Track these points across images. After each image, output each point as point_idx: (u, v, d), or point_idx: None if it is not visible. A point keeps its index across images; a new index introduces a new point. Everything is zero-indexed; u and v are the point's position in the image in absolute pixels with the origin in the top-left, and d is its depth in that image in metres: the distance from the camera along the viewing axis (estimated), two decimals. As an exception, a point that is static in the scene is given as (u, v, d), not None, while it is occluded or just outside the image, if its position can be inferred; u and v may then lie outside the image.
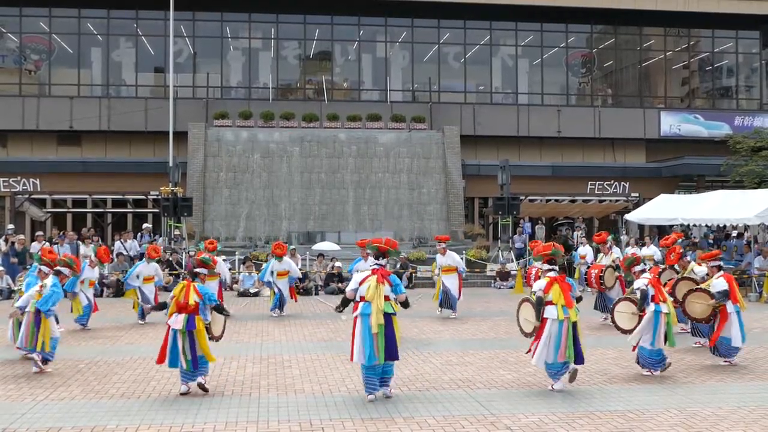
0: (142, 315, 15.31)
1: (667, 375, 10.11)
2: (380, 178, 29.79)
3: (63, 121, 30.59)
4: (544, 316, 9.25)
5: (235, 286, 22.10)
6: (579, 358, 9.24)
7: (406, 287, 16.87)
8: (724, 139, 30.98)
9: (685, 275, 12.88)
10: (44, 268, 11.17)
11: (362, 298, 8.88)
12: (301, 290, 21.68)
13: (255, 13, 32.76)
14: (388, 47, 33.83)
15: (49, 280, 10.59)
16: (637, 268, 11.01)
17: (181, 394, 8.96)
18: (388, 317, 8.77)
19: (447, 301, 16.10)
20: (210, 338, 9.26)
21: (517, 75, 34.49)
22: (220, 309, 9.50)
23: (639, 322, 10.00)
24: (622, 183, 33.12)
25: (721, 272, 11.23)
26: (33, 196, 30.83)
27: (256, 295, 20.91)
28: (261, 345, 12.62)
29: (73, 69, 32.15)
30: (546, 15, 33.21)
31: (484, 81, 34.55)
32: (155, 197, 29.89)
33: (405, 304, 9.10)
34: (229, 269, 23.14)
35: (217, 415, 8.06)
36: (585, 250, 22.13)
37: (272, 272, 16.51)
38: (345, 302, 9.39)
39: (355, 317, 8.93)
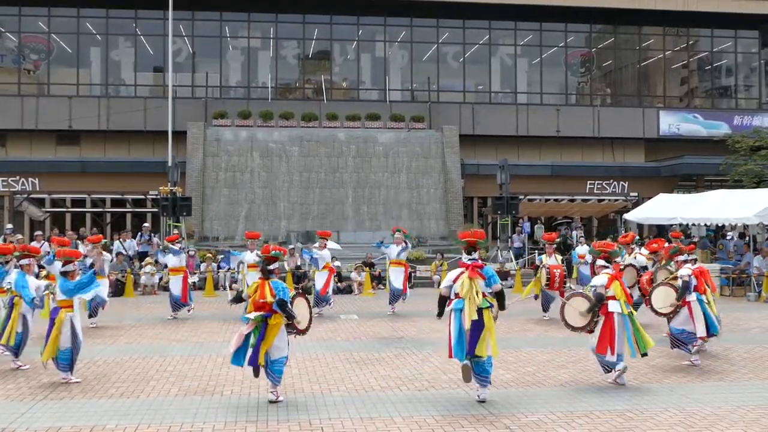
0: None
1: (667, 375, 10.13)
2: (379, 178, 29.80)
3: (62, 120, 30.57)
4: (609, 310, 9.45)
5: (234, 285, 22.09)
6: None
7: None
8: (723, 138, 30.98)
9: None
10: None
11: (457, 295, 8.86)
12: (301, 290, 21.70)
13: (254, 13, 32.75)
14: (387, 47, 33.82)
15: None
16: (680, 258, 11.19)
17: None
18: (480, 312, 8.69)
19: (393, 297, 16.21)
20: (296, 333, 8.97)
21: (516, 74, 34.49)
22: (283, 306, 8.68)
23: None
24: (621, 182, 33.13)
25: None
26: (32, 196, 30.81)
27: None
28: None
29: (72, 68, 32.13)
30: (545, 14, 33.21)
31: (484, 80, 34.55)
32: (154, 197, 29.88)
33: (500, 295, 8.96)
34: (229, 269, 23.27)
35: (216, 415, 8.06)
36: (583, 250, 22.08)
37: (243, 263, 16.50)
38: (442, 302, 9.06)
39: (450, 312, 8.88)
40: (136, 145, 31.77)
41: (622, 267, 13.02)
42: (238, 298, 9.37)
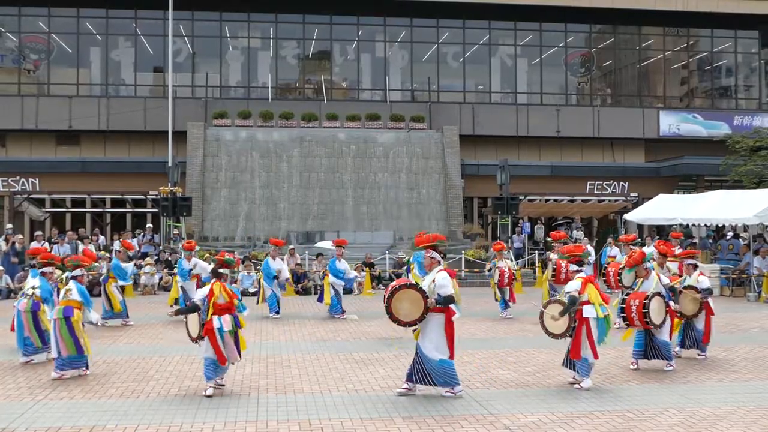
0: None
1: (667, 375, 10.13)
2: (379, 178, 29.79)
3: (62, 120, 30.57)
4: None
5: (234, 285, 22.07)
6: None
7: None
8: (723, 138, 30.96)
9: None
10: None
11: (587, 302, 9.37)
12: (301, 290, 21.72)
13: (254, 13, 32.75)
14: (387, 47, 33.82)
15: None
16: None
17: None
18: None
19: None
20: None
21: (516, 75, 34.49)
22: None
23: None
24: (621, 183, 33.12)
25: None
26: (32, 196, 30.81)
27: (255, 294, 20.87)
28: (260, 345, 12.62)
29: (72, 69, 32.14)
30: (545, 14, 33.21)
31: (483, 81, 34.55)
32: (154, 197, 29.88)
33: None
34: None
35: (216, 415, 8.06)
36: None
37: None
38: (573, 301, 9.40)
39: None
40: (136, 145, 31.77)
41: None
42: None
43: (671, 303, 10.49)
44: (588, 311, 9.37)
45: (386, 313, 8.98)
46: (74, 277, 10.49)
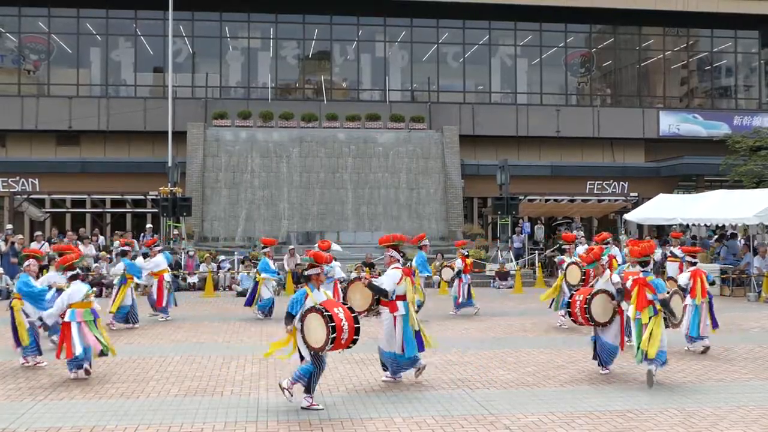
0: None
1: (666, 375, 10.12)
2: (379, 178, 29.79)
3: (62, 121, 30.58)
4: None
5: (234, 285, 22.12)
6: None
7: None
8: (723, 138, 30.97)
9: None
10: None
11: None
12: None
13: (254, 13, 32.76)
14: (387, 47, 33.83)
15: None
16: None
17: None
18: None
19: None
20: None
21: (516, 75, 34.50)
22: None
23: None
24: (621, 183, 33.13)
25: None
26: (32, 196, 30.82)
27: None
28: (260, 345, 12.61)
29: (72, 69, 32.15)
30: (545, 15, 33.21)
31: (483, 81, 34.56)
32: (154, 197, 29.88)
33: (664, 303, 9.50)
34: (228, 269, 23.29)
35: (216, 415, 8.06)
36: (583, 250, 22.09)
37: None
38: (620, 292, 9.91)
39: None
40: (136, 146, 31.78)
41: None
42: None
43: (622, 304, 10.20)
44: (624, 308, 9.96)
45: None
46: (75, 277, 10.38)
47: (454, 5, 32.00)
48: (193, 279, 22.75)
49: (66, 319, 10.03)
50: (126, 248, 15.97)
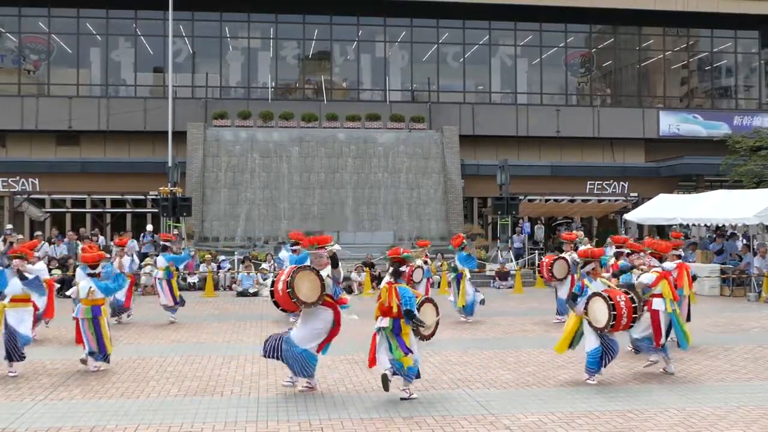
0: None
1: (667, 375, 10.12)
2: (379, 178, 29.78)
3: (62, 121, 30.57)
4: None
5: (234, 285, 22.14)
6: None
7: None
8: (723, 138, 30.97)
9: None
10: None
11: (659, 295, 10.18)
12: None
13: (254, 13, 32.75)
14: (387, 47, 33.82)
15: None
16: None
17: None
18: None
19: None
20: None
21: (516, 75, 34.49)
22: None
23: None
24: (621, 183, 33.13)
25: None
26: (32, 196, 30.81)
27: (255, 294, 20.92)
28: (260, 345, 12.59)
29: (72, 69, 32.13)
30: (545, 15, 33.20)
31: (483, 81, 34.55)
32: (154, 197, 29.87)
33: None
34: (228, 269, 23.30)
35: (216, 415, 8.06)
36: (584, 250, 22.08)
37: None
38: (630, 286, 10.09)
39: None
40: (136, 146, 31.77)
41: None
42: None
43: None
44: (657, 304, 10.08)
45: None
46: (93, 275, 10.62)
47: (454, 5, 31.99)
48: (193, 279, 22.75)
49: (73, 314, 10.54)
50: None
